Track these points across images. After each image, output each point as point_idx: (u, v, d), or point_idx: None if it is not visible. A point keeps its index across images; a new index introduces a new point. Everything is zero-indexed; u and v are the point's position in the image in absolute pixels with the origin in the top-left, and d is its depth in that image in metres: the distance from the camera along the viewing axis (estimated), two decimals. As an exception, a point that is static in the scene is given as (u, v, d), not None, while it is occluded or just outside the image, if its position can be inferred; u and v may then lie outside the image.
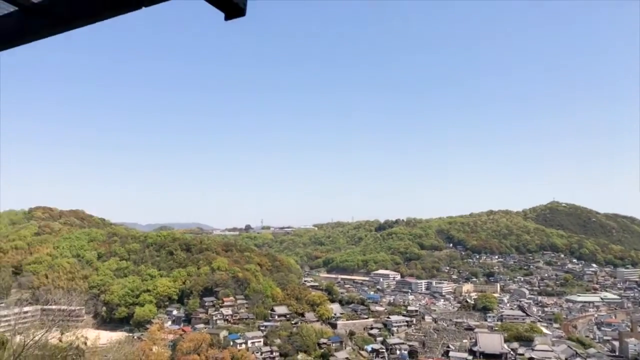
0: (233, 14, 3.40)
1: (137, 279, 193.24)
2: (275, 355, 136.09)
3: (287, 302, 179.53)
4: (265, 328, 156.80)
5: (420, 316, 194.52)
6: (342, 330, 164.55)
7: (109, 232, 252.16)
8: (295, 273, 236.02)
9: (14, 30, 3.80)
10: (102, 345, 57.20)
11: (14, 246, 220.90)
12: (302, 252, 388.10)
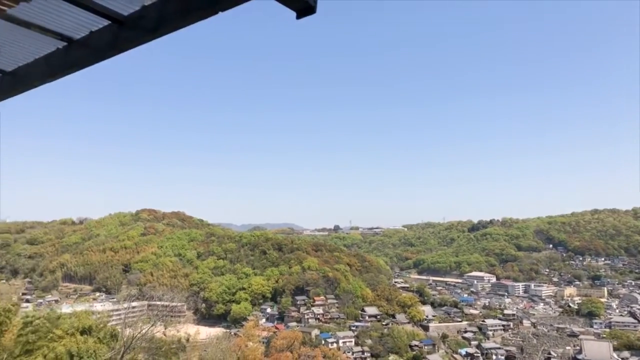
0: (304, 12, 3.43)
1: (233, 277, 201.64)
2: (367, 355, 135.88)
3: (378, 303, 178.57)
4: (356, 328, 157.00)
5: (517, 320, 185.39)
6: (435, 333, 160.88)
7: (207, 232, 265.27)
8: (385, 274, 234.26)
9: (109, 42, 4.14)
10: (202, 340, 60.31)
11: (123, 246, 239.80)
12: (391, 252, 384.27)
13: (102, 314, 44.14)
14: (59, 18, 4.21)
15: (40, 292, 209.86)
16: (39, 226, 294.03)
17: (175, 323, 43.49)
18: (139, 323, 38.34)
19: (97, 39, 4.30)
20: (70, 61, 4.52)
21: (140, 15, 4.02)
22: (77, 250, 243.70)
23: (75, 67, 4.51)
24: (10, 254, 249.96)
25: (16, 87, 5.03)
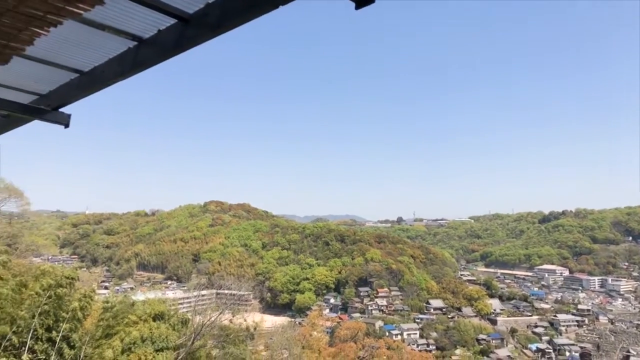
0: (363, 2, 3.40)
1: (297, 268, 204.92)
2: (432, 348, 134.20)
3: (443, 295, 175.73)
4: (420, 320, 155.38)
5: (593, 316, 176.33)
6: (503, 327, 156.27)
7: (271, 223, 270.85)
8: (450, 266, 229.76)
9: (175, 40, 4.31)
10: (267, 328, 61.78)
11: (193, 236, 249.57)
12: (457, 245, 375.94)
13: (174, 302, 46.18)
14: (130, 18, 4.42)
15: (117, 280, 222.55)
16: (115, 217, 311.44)
17: (242, 311, 44.68)
18: (208, 311, 39.69)
19: (164, 37, 4.48)
20: (140, 60, 4.73)
21: (204, 13, 4.15)
22: (150, 241, 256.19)
23: (145, 65, 4.72)
24: (90, 243, 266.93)
25: (92, 86, 5.34)
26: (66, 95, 5.71)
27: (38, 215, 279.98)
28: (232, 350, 35.15)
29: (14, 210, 55.51)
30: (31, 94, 5.95)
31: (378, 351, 70.12)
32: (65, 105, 6.00)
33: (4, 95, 5.77)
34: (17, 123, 6.91)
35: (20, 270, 44.02)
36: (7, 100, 5.86)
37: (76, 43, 4.74)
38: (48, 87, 5.78)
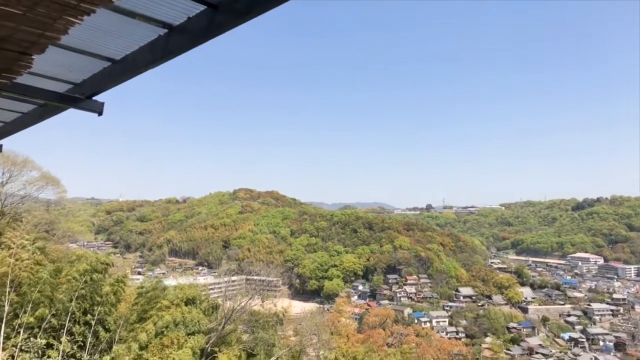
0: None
1: (325, 255, 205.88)
2: (461, 335, 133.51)
3: (473, 283, 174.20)
4: (449, 308, 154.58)
5: (629, 305, 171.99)
6: (534, 316, 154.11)
7: (299, 210, 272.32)
8: (480, 254, 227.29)
9: (205, 27, 4.32)
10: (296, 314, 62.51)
11: (223, 223, 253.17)
12: (487, 232, 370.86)
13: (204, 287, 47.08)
14: (160, 6, 4.46)
15: (150, 266, 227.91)
16: (147, 205, 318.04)
17: (271, 297, 45.26)
18: (238, 296, 40.31)
19: (194, 24, 4.50)
20: (170, 47, 4.77)
21: (234, 0, 4.15)
22: (181, 227, 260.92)
23: (175, 53, 4.77)
24: (124, 230, 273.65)
25: (124, 74, 5.43)
26: (99, 84, 5.83)
27: (73, 203, 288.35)
28: (262, 335, 35.68)
29: (51, 197, 57.19)
30: (66, 83, 6.09)
31: (407, 338, 70.21)
32: (99, 94, 6.12)
33: (40, 85, 5.92)
34: (53, 111, 7.09)
35: (58, 255, 45.58)
36: (44, 89, 6.01)
37: (108, 31, 4.82)
38: (82, 75, 5.89)
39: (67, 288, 36.79)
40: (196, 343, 33.74)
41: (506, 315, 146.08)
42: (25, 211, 51.58)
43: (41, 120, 7.52)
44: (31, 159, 48.78)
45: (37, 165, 49.89)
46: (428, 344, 67.70)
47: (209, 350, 34.88)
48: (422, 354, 57.04)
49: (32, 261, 37.86)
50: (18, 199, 49.08)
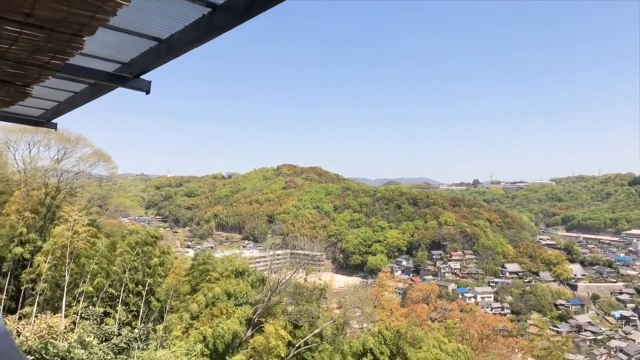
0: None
1: (368, 230, 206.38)
2: (507, 312, 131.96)
3: (519, 259, 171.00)
4: (495, 284, 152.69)
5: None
6: (584, 293, 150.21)
7: (342, 186, 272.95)
8: (528, 230, 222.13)
9: (249, 4, 4.36)
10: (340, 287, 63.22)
11: (267, 198, 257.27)
12: (536, 208, 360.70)
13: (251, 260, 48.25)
14: (204, -16, 4.53)
15: (198, 240, 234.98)
16: (194, 180, 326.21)
17: (315, 271, 45.98)
18: (283, 269, 41.21)
19: (237, 2, 4.54)
20: (214, 25, 4.84)
21: (233, 0, 4.20)
22: (227, 202, 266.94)
23: (219, 31, 4.83)
24: (172, 205, 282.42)
25: (170, 53, 5.55)
26: (146, 63, 5.98)
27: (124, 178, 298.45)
28: (307, 307, 36.41)
29: (103, 173, 59.52)
30: (115, 63, 6.28)
31: (450, 313, 69.90)
32: (146, 73, 6.29)
33: (91, 65, 6.14)
34: (103, 90, 7.36)
35: (111, 229, 47.55)
36: (94, 69, 6.23)
37: (154, 11, 4.93)
38: (129, 55, 6.07)
39: (120, 260, 38.65)
40: (243, 313, 34.87)
41: (554, 292, 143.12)
42: (79, 187, 53.99)
43: (92, 99, 7.82)
44: (84, 136, 50.77)
45: (90, 142, 51.93)
46: (472, 319, 67.18)
47: (256, 320, 35.95)
48: (466, 329, 56.73)
49: (89, 234, 39.85)
50: (72, 175, 51.36)
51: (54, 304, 37.52)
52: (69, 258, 37.05)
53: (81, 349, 22.36)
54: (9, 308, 37.52)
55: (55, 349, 20.43)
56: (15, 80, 5.26)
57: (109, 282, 37.72)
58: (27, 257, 39.21)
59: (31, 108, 9.10)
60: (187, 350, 30.48)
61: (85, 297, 37.06)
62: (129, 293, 38.62)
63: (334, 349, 34.64)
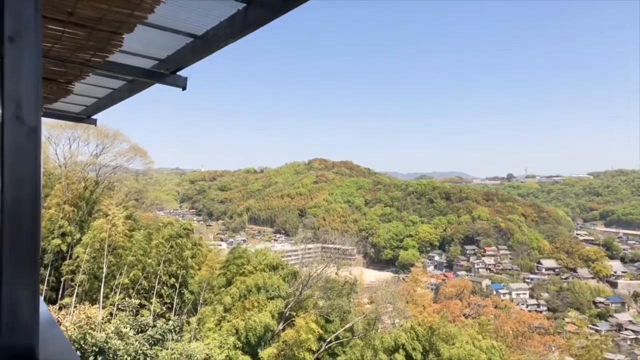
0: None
1: (400, 225, 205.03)
2: (543, 309, 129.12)
3: (556, 255, 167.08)
4: (530, 280, 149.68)
5: None
6: (625, 291, 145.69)
7: (374, 180, 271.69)
8: (565, 225, 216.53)
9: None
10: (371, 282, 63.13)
11: (298, 192, 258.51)
12: (573, 203, 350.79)
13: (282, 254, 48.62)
14: (239, -20, 4.55)
15: (231, 233, 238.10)
16: (227, 174, 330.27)
17: (346, 265, 46.01)
18: (314, 263, 41.40)
19: (272, -4, 4.55)
20: (249, 21, 4.86)
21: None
22: (259, 196, 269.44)
23: (254, 27, 4.85)
24: (206, 198, 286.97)
25: (206, 49, 5.61)
26: (182, 59, 6.07)
27: (160, 173, 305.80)
28: (338, 302, 36.49)
29: (139, 167, 60.90)
30: (152, 59, 6.39)
31: (484, 309, 68.95)
32: (182, 69, 6.38)
33: (129, 62, 6.26)
34: (141, 87, 7.51)
35: (147, 222, 48.59)
36: (133, 66, 6.36)
37: (190, 8, 4.98)
38: (166, 52, 6.16)
39: (155, 253, 39.54)
40: (275, 307, 35.23)
41: (592, 290, 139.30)
42: (117, 180, 55.40)
43: (130, 95, 7.98)
44: (121, 132, 52.01)
45: (127, 137, 53.15)
46: (507, 315, 66.09)
47: (287, 314, 36.27)
48: (500, 326, 55.87)
49: (126, 227, 40.89)
50: (110, 170, 52.74)
51: (92, 295, 38.71)
52: (107, 251, 38.14)
53: (118, 339, 23.02)
54: (49, 298, 38.88)
55: (93, 339, 21.11)
56: (58, 77, 5.42)
57: (144, 275, 38.66)
58: (66, 250, 40.54)
59: (72, 105, 9.35)
60: (220, 342, 31.00)
61: (121, 289, 38.09)
62: (163, 285, 39.50)
63: (365, 344, 34.61)
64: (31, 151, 1.28)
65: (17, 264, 1.38)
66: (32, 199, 1.30)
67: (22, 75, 1.23)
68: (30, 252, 1.29)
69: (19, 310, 1.45)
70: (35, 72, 1.24)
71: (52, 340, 2.22)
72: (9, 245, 1.34)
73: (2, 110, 1.21)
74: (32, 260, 1.31)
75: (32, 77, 1.23)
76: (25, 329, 1.65)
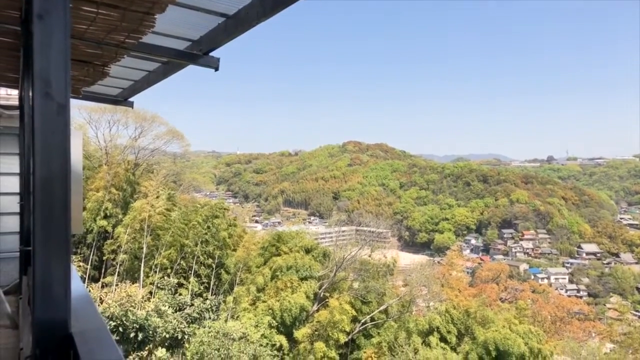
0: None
1: (435, 208, 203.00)
2: (583, 294, 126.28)
3: (597, 240, 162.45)
4: (570, 265, 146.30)
5: None
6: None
7: (409, 163, 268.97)
8: (608, 209, 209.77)
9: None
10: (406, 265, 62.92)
11: (333, 175, 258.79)
12: (617, 186, 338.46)
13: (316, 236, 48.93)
14: (270, -43, 4.50)
15: (266, 215, 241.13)
16: (262, 157, 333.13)
17: (380, 248, 45.96)
18: (349, 246, 41.50)
19: (303, -27, 4.48)
20: None
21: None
22: (293, 179, 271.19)
23: (285, 4, 4.80)
24: (242, 181, 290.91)
25: (238, 28, 5.59)
26: (215, 39, 6.06)
27: (197, 156, 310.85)
28: (372, 284, 36.57)
29: (177, 150, 62.17)
30: (185, 40, 6.42)
31: (522, 294, 67.98)
32: (215, 49, 6.38)
33: (163, 43, 6.31)
34: (175, 68, 7.58)
35: (185, 204, 49.62)
36: (166, 47, 6.40)
37: (221, -13, 4.97)
38: (199, 32, 6.17)
39: (193, 233, 40.43)
40: (309, 288, 35.59)
41: (636, 275, 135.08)
42: (155, 163, 56.67)
43: (165, 77, 8.07)
44: (159, 115, 53.06)
45: (164, 120, 54.22)
46: (545, 300, 64.93)
47: (322, 295, 36.60)
48: (538, 311, 54.95)
49: (165, 208, 41.90)
50: (148, 152, 53.99)
51: (132, 274, 39.97)
52: (146, 231, 39.22)
53: (157, 317, 23.76)
54: (93, 277, 40.38)
55: (134, 316, 21.85)
56: (94, 60, 5.51)
57: (182, 255, 39.64)
58: (109, 230, 41.90)
59: (109, 87, 9.55)
60: (257, 322, 31.60)
61: (160, 268, 39.18)
62: (201, 265, 40.42)
63: (399, 326, 34.66)
64: (61, 128, 1.28)
65: (48, 240, 1.42)
66: (62, 175, 1.31)
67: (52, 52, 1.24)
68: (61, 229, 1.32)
69: (51, 286, 1.71)
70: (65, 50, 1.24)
71: (85, 315, 2.31)
72: (40, 222, 1.38)
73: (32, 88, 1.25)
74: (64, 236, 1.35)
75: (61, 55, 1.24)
76: (58, 304, 1.71)
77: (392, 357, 31.45)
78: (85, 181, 42.12)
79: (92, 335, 1.96)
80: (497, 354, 30.47)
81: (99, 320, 2.36)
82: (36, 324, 1.74)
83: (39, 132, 1.27)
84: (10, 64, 5.52)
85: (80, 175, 6.47)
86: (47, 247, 1.34)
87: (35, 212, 1.40)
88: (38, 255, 1.44)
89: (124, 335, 21.02)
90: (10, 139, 8.60)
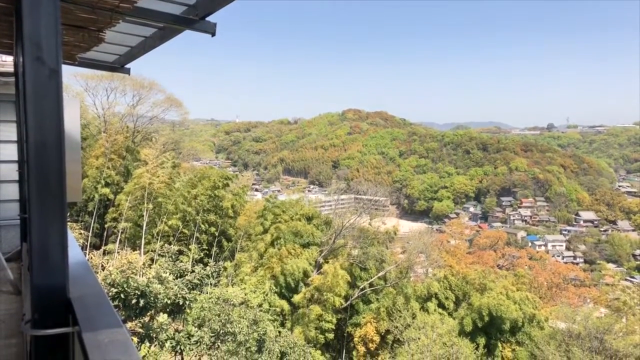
0: None
1: (435, 176, 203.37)
2: (579, 261, 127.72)
3: (595, 207, 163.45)
4: (567, 232, 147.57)
5: None
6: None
7: (408, 131, 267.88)
8: (606, 177, 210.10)
9: None
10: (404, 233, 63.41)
11: (332, 144, 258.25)
12: (616, 154, 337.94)
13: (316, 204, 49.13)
14: None
15: (266, 183, 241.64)
16: (261, 126, 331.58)
17: (379, 216, 46.26)
18: (347, 214, 41.76)
19: None
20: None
21: None
22: (293, 148, 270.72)
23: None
24: (241, 149, 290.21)
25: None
26: (211, 4, 5.95)
27: (195, 124, 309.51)
28: (371, 251, 36.96)
29: (175, 118, 61.86)
30: (180, 5, 6.30)
31: (519, 261, 68.71)
32: (211, 14, 6.27)
33: (158, 8, 6.20)
34: (171, 34, 7.45)
35: (185, 172, 49.61)
36: (162, 12, 6.29)
37: (217, -51, 4.85)
38: (195, -4, 6.06)
39: (195, 202, 40.59)
40: (310, 255, 36.01)
41: (633, 242, 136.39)
42: (154, 131, 56.42)
43: (162, 42, 7.96)
44: (156, 82, 52.53)
45: (162, 88, 53.72)
46: (542, 267, 65.74)
47: (321, 261, 37.04)
48: (534, 277, 55.69)
49: (166, 177, 41.93)
50: (147, 120, 53.69)
51: (134, 242, 40.30)
52: (147, 199, 39.35)
53: (158, 284, 24.08)
54: (94, 244, 40.70)
55: (135, 283, 22.13)
56: (89, 25, 5.43)
57: (183, 223, 39.88)
58: (111, 198, 42.03)
59: (105, 54, 9.42)
60: (256, 287, 32.08)
61: (162, 236, 39.47)
62: (202, 233, 40.72)
63: (397, 292, 35.20)
64: (53, 92, 1.61)
65: (44, 207, 1.69)
66: (56, 141, 1.65)
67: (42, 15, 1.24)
68: (57, 195, 1.34)
69: (48, 252, 1.73)
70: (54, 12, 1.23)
71: (83, 281, 2.36)
72: (35, 188, 1.66)
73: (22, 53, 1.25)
74: (60, 203, 1.37)
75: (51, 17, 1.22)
76: (56, 269, 1.75)
77: (390, 322, 32.05)
78: (85, 149, 42.02)
79: (90, 300, 2.01)
80: (490, 319, 31.08)
81: (97, 286, 2.38)
82: (34, 289, 1.75)
83: (31, 97, 1.57)
84: (4, 29, 5.43)
85: (77, 142, 6.45)
86: (43, 213, 1.35)
87: (31, 178, 1.66)
88: (34, 222, 1.70)
89: (125, 302, 21.32)
90: (7, 106, 8.55)
